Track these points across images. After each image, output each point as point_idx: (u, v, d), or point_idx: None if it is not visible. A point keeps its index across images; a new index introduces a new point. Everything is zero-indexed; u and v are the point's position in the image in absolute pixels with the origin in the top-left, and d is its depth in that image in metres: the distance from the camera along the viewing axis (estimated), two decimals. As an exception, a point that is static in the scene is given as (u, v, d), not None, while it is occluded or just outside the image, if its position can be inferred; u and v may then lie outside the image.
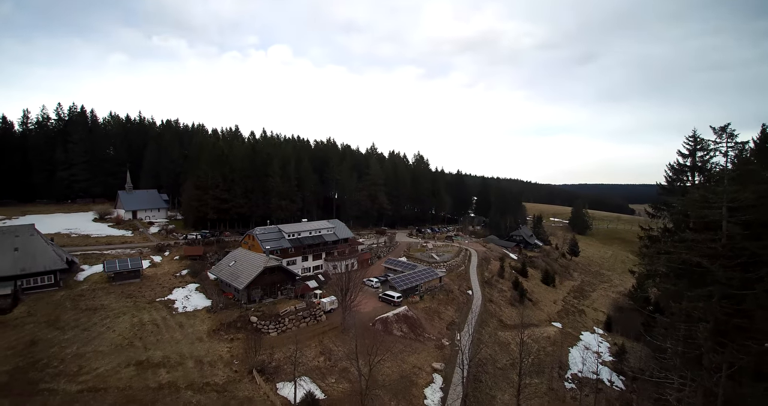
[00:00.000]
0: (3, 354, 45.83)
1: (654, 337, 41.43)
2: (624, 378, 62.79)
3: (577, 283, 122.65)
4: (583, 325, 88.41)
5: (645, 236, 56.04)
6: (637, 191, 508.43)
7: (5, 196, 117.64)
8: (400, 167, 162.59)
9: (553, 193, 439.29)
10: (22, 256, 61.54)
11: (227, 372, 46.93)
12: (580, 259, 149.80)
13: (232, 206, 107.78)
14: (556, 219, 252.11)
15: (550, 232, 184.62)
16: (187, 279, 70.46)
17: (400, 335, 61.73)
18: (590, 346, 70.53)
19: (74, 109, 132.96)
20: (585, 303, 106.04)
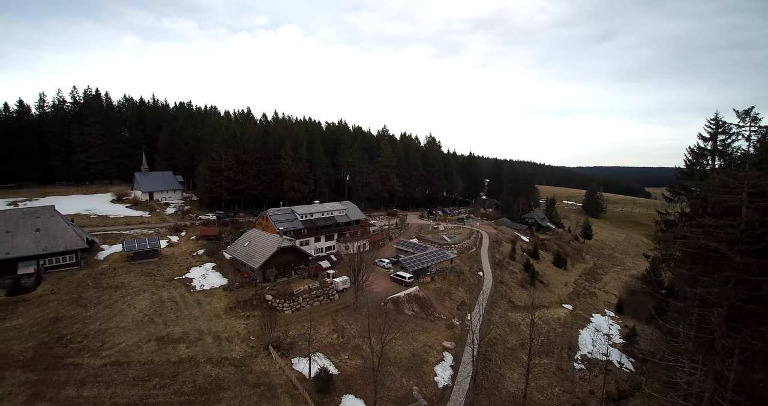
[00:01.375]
0: (28, 330, 48.00)
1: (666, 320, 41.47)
2: (634, 360, 63.26)
3: (589, 266, 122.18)
4: (594, 307, 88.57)
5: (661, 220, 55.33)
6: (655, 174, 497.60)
7: (25, 178, 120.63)
8: (411, 149, 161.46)
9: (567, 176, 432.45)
10: (43, 236, 63.73)
11: (244, 348, 48.65)
12: (593, 242, 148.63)
13: (246, 188, 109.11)
14: (570, 202, 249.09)
15: (563, 215, 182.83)
16: (203, 258, 72.27)
17: (411, 314, 62.85)
18: (601, 328, 70.89)
19: (89, 92, 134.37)
20: (597, 286, 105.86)
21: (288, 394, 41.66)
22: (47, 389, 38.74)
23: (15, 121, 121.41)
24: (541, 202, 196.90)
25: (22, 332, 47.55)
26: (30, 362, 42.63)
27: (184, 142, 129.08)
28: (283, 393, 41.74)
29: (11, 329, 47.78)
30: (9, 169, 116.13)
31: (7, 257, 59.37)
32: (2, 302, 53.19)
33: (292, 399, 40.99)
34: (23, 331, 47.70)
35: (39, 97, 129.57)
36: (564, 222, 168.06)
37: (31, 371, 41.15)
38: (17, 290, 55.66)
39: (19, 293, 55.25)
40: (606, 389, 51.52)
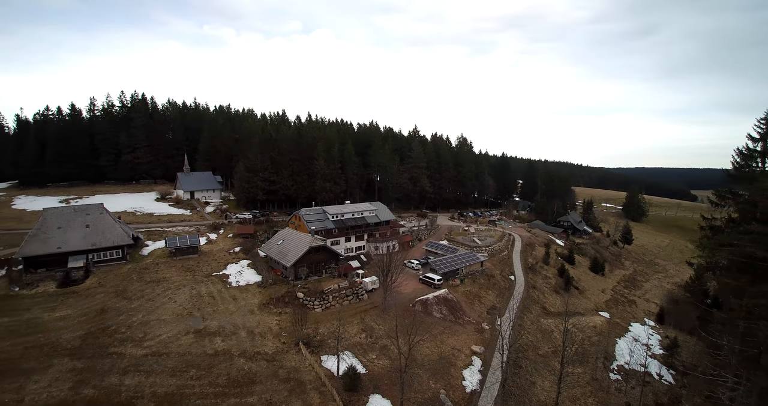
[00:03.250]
0: (76, 321, 51.52)
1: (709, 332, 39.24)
2: (674, 373, 60.08)
3: (629, 272, 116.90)
4: (633, 316, 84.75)
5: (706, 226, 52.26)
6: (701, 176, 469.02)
7: (76, 177, 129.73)
8: (442, 150, 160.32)
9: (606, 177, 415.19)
10: (92, 232, 68.29)
11: (276, 343, 50.18)
12: (633, 247, 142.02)
13: (280, 188, 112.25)
14: (609, 205, 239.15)
15: (602, 218, 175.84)
16: (239, 256, 74.98)
17: (440, 316, 62.55)
18: (639, 338, 67.73)
19: (136, 96, 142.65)
20: (636, 293, 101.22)
21: (317, 390, 42.63)
22: (92, 376, 41.46)
23: (68, 124, 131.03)
24: (577, 204, 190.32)
25: (71, 322, 51.14)
26: (77, 350, 45.69)
27: (222, 144, 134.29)
28: (312, 389, 42.76)
29: (60, 319, 51.52)
30: (63, 169, 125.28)
31: (59, 251, 64.13)
32: (53, 293, 57.50)
33: (320, 396, 41.92)
34: (71, 321, 51.30)
35: (90, 101, 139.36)
36: (602, 226, 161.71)
37: (78, 359, 44.10)
38: (67, 283, 60.02)
39: (68, 286, 59.53)
40: (643, 402, 49.26)
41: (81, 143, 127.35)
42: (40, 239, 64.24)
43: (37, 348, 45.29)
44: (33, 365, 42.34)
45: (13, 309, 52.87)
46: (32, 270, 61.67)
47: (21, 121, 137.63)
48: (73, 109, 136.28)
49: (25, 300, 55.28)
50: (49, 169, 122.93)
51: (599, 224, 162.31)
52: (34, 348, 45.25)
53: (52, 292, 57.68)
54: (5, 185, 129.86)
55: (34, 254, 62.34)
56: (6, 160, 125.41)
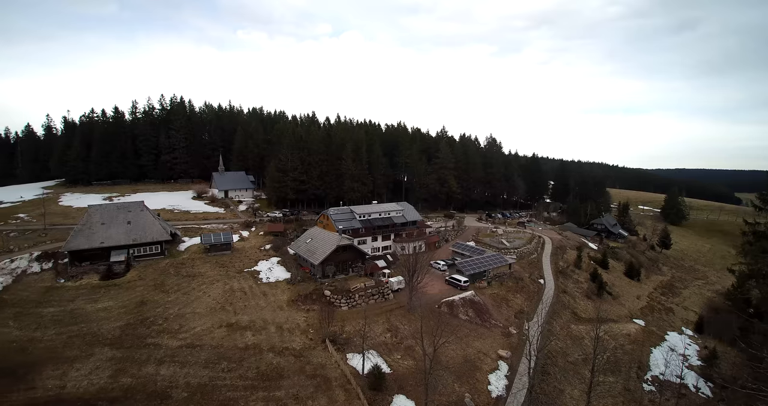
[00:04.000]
0: (117, 312, 54.44)
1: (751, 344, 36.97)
2: (712, 385, 57.04)
3: (667, 278, 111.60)
4: (670, 324, 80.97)
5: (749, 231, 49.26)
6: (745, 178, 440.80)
7: (119, 176, 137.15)
8: (470, 150, 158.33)
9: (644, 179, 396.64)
10: (133, 228, 71.96)
11: (303, 339, 51.29)
12: (672, 252, 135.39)
13: (309, 188, 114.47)
14: (646, 207, 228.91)
15: (638, 221, 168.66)
16: (270, 253, 77.01)
17: (466, 319, 62.02)
18: (676, 347, 64.67)
19: (175, 99, 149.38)
20: (674, 301, 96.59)
21: (342, 388, 43.27)
22: (130, 365, 43.71)
23: (112, 126, 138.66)
24: (612, 206, 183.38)
25: (111, 313, 54.14)
26: (116, 340, 48.30)
27: (255, 145, 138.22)
28: (337, 386, 43.44)
29: (102, 310, 54.62)
30: (106, 168, 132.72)
31: (102, 245, 67.93)
32: (96, 285, 61.00)
33: (345, 393, 42.51)
34: (112, 312, 54.29)
35: (132, 104, 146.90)
36: (638, 229, 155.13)
37: (117, 349, 46.57)
38: (109, 276, 63.58)
39: (110, 278, 63.05)
40: (680, 415, 47.05)
41: (123, 144, 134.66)
42: (84, 234, 68.29)
43: (79, 337, 48.22)
44: (75, 354, 45.04)
45: (58, 300, 56.59)
46: (77, 263, 65.67)
47: (68, 122, 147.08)
48: (117, 112, 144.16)
49: (69, 291, 59.02)
50: (93, 169, 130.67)
51: (635, 227, 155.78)
52: (77, 337, 48.19)
53: (95, 284, 61.25)
54: (53, 183, 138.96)
55: (79, 248, 66.30)
56: (54, 159, 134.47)
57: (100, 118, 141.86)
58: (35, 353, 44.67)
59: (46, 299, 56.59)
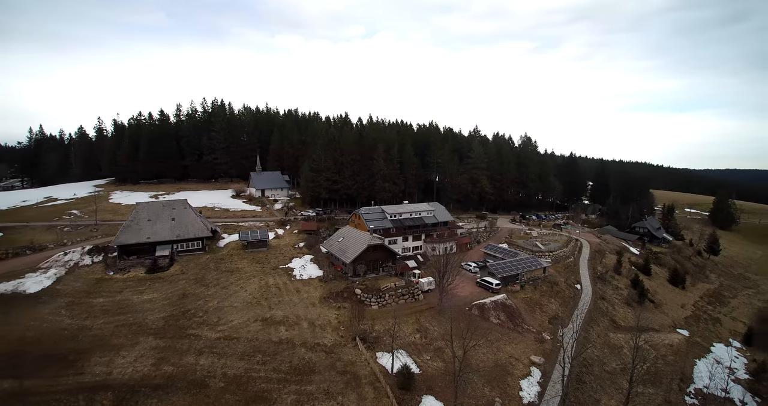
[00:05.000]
0: (161, 303, 57.58)
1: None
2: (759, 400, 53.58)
3: (714, 286, 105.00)
4: (716, 335, 76.37)
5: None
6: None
7: (164, 175, 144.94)
8: (504, 150, 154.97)
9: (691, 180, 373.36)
10: (177, 225, 75.79)
11: (334, 336, 52.35)
12: (721, 258, 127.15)
13: (341, 187, 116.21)
14: (693, 210, 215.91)
15: (684, 225, 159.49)
16: (303, 251, 78.93)
17: (497, 322, 61.08)
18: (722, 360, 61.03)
19: (216, 102, 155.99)
20: (722, 310, 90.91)
21: (371, 385, 43.89)
22: (171, 355, 46.20)
23: (158, 128, 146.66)
24: (656, 209, 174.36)
25: (156, 304, 57.35)
26: (160, 330, 51.09)
27: (290, 145, 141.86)
28: (366, 384, 44.09)
29: (147, 302, 57.98)
30: (153, 168, 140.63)
31: (149, 240, 71.98)
32: (142, 278, 64.78)
33: (374, 391, 43.09)
34: (156, 304, 57.51)
35: (176, 107, 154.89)
36: (684, 234, 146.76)
37: (160, 338, 49.28)
38: (154, 269, 67.36)
39: (155, 272, 66.76)
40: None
41: (168, 145, 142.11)
42: (132, 230, 72.64)
43: (126, 327, 51.41)
44: (122, 342, 48.08)
45: (107, 291, 60.55)
46: (125, 257, 69.94)
47: (117, 125, 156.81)
48: (162, 115, 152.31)
49: (117, 283, 63.03)
50: (141, 168, 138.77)
51: (681, 231, 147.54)
52: (123, 326, 51.42)
53: (141, 277, 65.08)
54: (104, 182, 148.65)
55: (127, 242, 70.64)
56: (105, 159, 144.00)
57: (147, 121, 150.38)
58: (85, 341, 47.98)
59: (96, 290, 60.71)
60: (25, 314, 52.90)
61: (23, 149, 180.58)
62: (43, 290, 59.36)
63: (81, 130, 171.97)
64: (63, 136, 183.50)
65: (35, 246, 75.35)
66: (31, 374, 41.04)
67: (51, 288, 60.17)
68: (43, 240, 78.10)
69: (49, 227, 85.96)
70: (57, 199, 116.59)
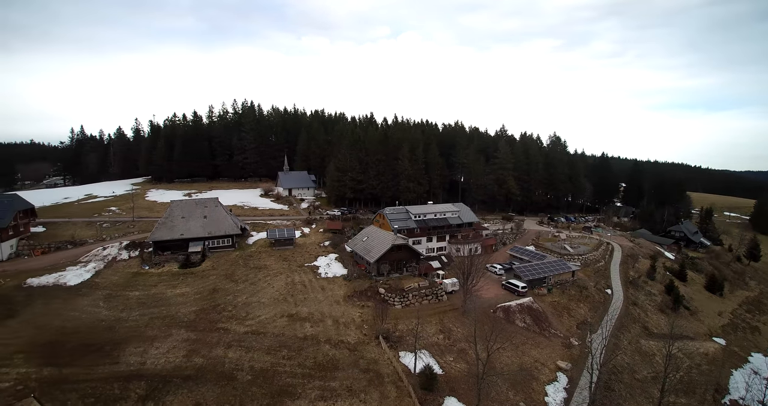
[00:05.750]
0: (193, 297, 59.77)
1: None
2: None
3: (754, 294, 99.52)
4: (755, 345, 72.62)
5: None
6: None
7: (197, 174, 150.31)
8: (532, 150, 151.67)
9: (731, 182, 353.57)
10: (209, 222, 78.40)
11: (358, 334, 52.90)
12: (761, 265, 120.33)
13: (366, 187, 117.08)
14: (733, 214, 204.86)
15: (723, 229, 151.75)
16: (328, 249, 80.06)
17: (523, 326, 60.10)
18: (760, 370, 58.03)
19: (245, 104, 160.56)
20: (762, 319, 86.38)
21: (394, 384, 44.13)
22: (202, 347, 47.88)
23: (191, 129, 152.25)
24: (693, 212, 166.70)
25: (188, 298, 59.60)
26: (191, 323, 53.06)
27: (317, 146, 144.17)
28: (389, 383, 44.37)
29: (180, 295, 60.31)
30: (186, 167, 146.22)
31: (182, 237, 74.82)
32: (175, 273, 67.42)
33: (397, 390, 43.31)
34: (189, 298, 59.75)
35: (208, 109, 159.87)
36: (723, 238, 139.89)
37: (192, 331, 51.19)
38: (187, 264, 70.06)
39: (188, 267, 69.43)
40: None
41: (201, 145, 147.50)
42: (167, 227, 75.68)
43: (159, 319, 53.68)
44: (156, 334, 50.18)
45: (143, 284, 63.34)
46: (160, 252, 72.97)
47: (154, 126, 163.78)
48: (195, 116, 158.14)
49: (152, 277, 65.82)
50: (175, 167, 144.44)
51: (720, 236, 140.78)
52: (157, 319, 53.70)
53: (175, 272, 67.76)
54: (141, 180, 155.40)
55: (162, 239, 73.66)
56: (142, 159, 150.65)
57: (181, 122, 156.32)
58: (121, 332, 50.36)
59: (132, 283, 63.66)
60: (66, 305, 56.09)
61: (65, 149, 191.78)
62: (82, 283, 62.72)
63: (119, 131, 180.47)
64: (102, 136, 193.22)
65: (76, 241, 79.73)
66: (69, 363, 43.52)
67: (90, 281, 63.49)
68: (83, 235, 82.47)
69: (89, 222, 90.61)
70: (97, 196, 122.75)
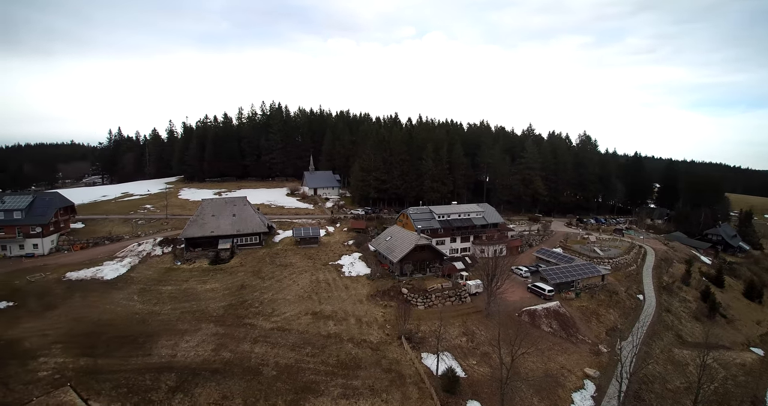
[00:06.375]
0: (221, 293, 61.59)
1: None
2: None
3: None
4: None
5: None
6: None
7: (227, 174, 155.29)
8: (560, 149, 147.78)
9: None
10: (237, 220, 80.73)
11: (380, 334, 53.25)
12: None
13: (390, 187, 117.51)
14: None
15: (763, 233, 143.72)
16: (352, 248, 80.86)
17: (549, 331, 58.87)
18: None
19: (273, 106, 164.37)
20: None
21: (416, 385, 44.17)
22: (229, 341, 49.26)
23: (222, 130, 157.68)
24: (732, 215, 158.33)
25: (217, 294, 61.48)
26: (220, 318, 54.70)
27: (341, 146, 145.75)
28: (411, 384, 44.44)
29: (210, 291, 62.29)
30: (217, 167, 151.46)
31: (212, 234, 77.35)
32: (205, 269, 69.75)
33: (419, 391, 43.34)
34: (218, 293, 61.64)
35: (238, 111, 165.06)
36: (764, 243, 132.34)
37: (220, 326, 52.76)
38: (217, 261, 72.40)
39: (217, 263, 71.75)
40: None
41: (231, 146, 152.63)
42: (198, 224, 78.42)
43: (190, 313, 55.64)
44: (186, 327, 52.00)
45: (175, 279, 65.81)
46: (191, 249, 75.71)
47: (186, 127, 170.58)
48: (226, 118, 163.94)
49: (184, 273, 68.34)
50: (207, 167, 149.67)
51: (760, 240, 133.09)
52: (188, 313, 55.68)
53: (205, 268, 70.13)
54: (174, 179, 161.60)
55: (193, 236, 76.42)
56: (175, 159, 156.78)
57: (212, 124, 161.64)
58: (153, 325, 52.43)
59: (165, 278, 66.24)
60: (102, 298, 58.95)
61: (104, 149, 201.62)
62: (118, 277, 65.75)
63: (154, 132, 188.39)
64: (138, 137, 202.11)
65: (113, 237, 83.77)
66: (104, 354, 45.73)
67: (125, 275, 66.52)
68: (119, 232, 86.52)
69: (125, 219, 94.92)
70: (133, 194, 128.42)
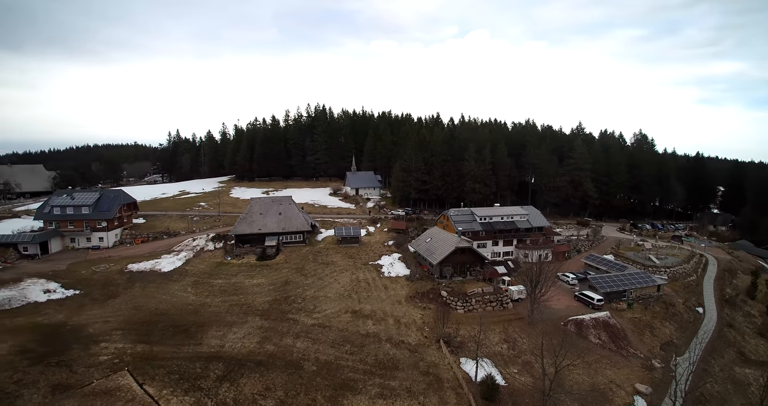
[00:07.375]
0: (267, 288, 64.22)
1: None
2: None
3: None
4: None
5: None
6: None
7: (274, 174, 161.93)
8: (613, 149, 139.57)
9: None
10: (283, 219, 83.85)
11: (418, 336, 53.23)
12: None
13: (431, 188, 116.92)
14: None
15: None
16: (392, 249, 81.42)
17: (597, 342, 56.00)
18: None
19: (318, 107, 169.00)
20: None
21: (453, 391, 43.68)
22: (273, 335, 51.30)
23: (270, 132, 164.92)
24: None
25: (263, 288, 64.21)
26: (265, 312, 57.10)
27: (383, 147, 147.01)
28: (449, 388, 44.01)
29: (256, 286, 65.17)
30: (265, 167, 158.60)
31: (260, 231, 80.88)
32: (253, 264, 73.05)
33: (456, 397, 42.79)
34: (264, 288, 64.35)
35: (285, 113, 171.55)
36: None
37: (265, 320, 55.05)
38: (263, 257, 75.63)
39: (264, 260, 74.94)
40: None
41: (278, 147, 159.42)
42: (247, 222, 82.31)
43: (237, 306, 58.49)
44: (234, 319, 54.79)
45: (225, 274, 69.48)
46: (240, 245, 79.58)
47: (237, 129, 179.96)
48: (273, 120, 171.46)
49: (233, 267, 71.93)
50: (256, 167, 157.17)
51: None
52: (236, 306, 58.57)
53: (252, 263, 73.50)
54: (226, 178, 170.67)
55: (242, 233, 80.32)
56: (227, 159, 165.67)
57: (261, 126, 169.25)
58: (204, 316, 55.67)
59: (216, 272, 70.12)
60: (159, 289, 63.36)
61: (163, 150, 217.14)
62: (174, 270, 70.44)
63: (209, 134, 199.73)
64: (195, 139, 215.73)
65: (170, 232, 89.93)
66: (159, 341, 49.11)
67: (181, 268, 71.17)
68: (176, 227, 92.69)
69: (182, 216, 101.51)
70: (189, 192, 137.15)
